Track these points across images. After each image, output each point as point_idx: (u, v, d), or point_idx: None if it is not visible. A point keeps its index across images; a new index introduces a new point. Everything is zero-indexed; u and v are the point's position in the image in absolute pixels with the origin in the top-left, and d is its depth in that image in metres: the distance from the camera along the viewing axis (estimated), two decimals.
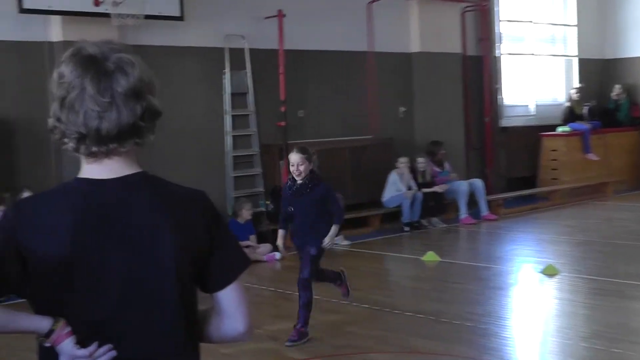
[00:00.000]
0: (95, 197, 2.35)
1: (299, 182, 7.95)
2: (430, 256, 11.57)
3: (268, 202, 13.00)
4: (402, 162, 14.26)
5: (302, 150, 8.02)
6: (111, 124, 2.31)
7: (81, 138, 2.33)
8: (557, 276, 10.23)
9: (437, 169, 14.99)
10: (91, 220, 2.32)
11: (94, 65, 2.32)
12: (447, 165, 15.19)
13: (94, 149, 2.34)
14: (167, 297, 2.39)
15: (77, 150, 2.37)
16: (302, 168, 7.88)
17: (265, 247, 12.02)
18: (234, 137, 13.18)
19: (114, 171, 2.39)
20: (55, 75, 2.37)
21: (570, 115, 18.19)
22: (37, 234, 2.31)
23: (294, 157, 7.93)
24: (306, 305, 7.78)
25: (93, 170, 2.39)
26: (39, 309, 2.37)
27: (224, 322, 2.52)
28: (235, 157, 13.17)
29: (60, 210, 2.33)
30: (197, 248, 2.42)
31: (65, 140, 2.36)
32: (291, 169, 7.95)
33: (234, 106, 13.19)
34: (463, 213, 14.71)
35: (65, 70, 2.34)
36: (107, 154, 2.37)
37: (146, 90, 2.38)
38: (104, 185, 2.37)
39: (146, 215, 2.37)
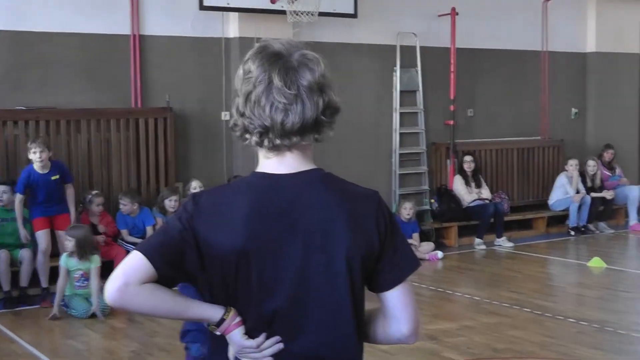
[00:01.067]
0: (272, 191, 2.42)
1: None
2: (596, 262, 11.32)
3: (432, 201, 13.00)
4: (572, 164, 13.99)
5: None
6: (296, 117, 2.38)
7: (265, 132, 2.39)
8: None
9: (608, 173, 14.63)
10: (267, 214, 2.39)
11: (280, 60, 2.40)
12: (618, 170, 14.80)
13: (278, 142, 2.40)
14: (339, 294, 2.42)
15: (260, 144, 2.42)
16: None
17: (428, 245, 12.04)
18: (402, 134, 13.24)
19: (292, 166, 2.45)
20: (240, 71, 2.45)
21: None
22: (215, 225, 2.39)
23: None
24: None
25: (271, 164, 2.46)
26: (212, 299, 2.45)
27: (390, 323, 2.52)
28: (402, 155, 13.22)
29: (237, 203, 2.41)
30: (369, 246, 2.45)
31: (247, 135, 2.43)
32: None
33: (402, 104, 13.24)
34: (633, 219, 14.31)
35: (252, 66, 2.41)
36: (289, 148, 2.43)
37: (327, 86, 2.45)
38: (281, 180, 2.43)
39: (322, 211, 2.41)
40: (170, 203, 10.53)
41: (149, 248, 2.40)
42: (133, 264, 2.38)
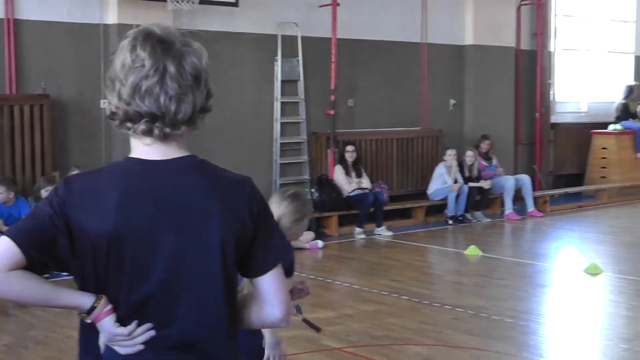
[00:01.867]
0: (145, 176, 2.40)
1: None
2: (473, 250, 11.56)
3: (313, 190, 13.05)
4: (450, 154, 14.24)
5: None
6: (189, 107, 2.38)
7: (154, 121, 2.37)
8: (600, 276, 10.18)
9: (485, 163, 14.95)
10: (140, 199, 2.37)
11: (171, 48, 2.38)
12: (494, 160, 15.14)
13: (168, 130, 2.39)
14: (212, 279, 2.42)
15: (149, 133, 2.39)
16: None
17: (309, 234, 12.06)
18: (283, 124, 13.25)
19: (166, 153, 2.43)
20: (127, 59, 2.38)
21: (624, 113, 18.01)
22: (86, 210, 2.35)
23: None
24: None
25: (146, 151, 2.43)
26: (83, 286, 2.41)
27: (262, 308, 2.54)
28: (283, 145, 13.24)
29: (110, 188, 2.37)
30: (242, 231, 2.45)
31: (130, 124, 2.40)
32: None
33: (284, 93, 13.25)
34: (508, 208, 14.67)
35: (142, 53, 2.36)
36: (175, 137, 2.42)
37: (208, 74, 2.46)
38: (154, 165, 2.42)
39: (195, 197, 2.41)
40: (47, 192, 10.26)
41: (17, 233, 2.35)
42: (0, 250, 2.32)
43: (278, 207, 4.72)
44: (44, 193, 10.25)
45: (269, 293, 2.53)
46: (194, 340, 2.43)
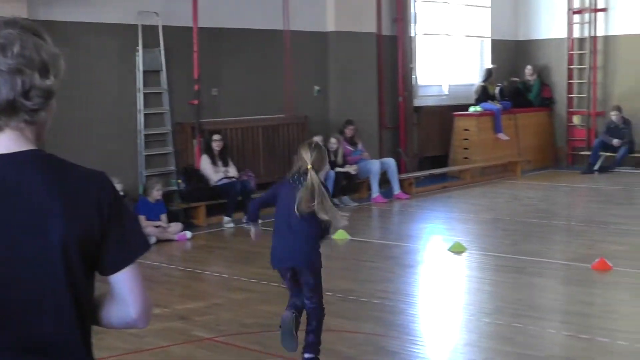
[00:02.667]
0: None
1: None
2: (341, 234, 11.68)
3: (179, 181, 12.96)
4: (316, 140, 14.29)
5: (316, 146, 6.41)
6: (8, 90, 2.28)
7: None
8: (464, 254, 10.45)
9: (350, 148, 15.12)
10: None
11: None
12: (360, 145, 15.32)
13: None
14: (54, 283, 2.33)
15: None
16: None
17: (177, 226, 11.97)
18: (147, 115, 13.08)
19: (6, 146, 2.33)
20: None
21: (483, 95, 18.49)
22: None
23: (306, 154, 6.29)
24: None
25: None
26: None
27: (118, 307, 2.46)
28: (147, 136, 13.06)
29: None
30: (88, 229, 2.36)
31: None
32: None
33: (146, 84, 13.08)
34: (375, 192, 14.87)
35: None
36: (8, 127, 2.33)
37: (31, 68, 2.33)
38: None
39: (36, 193, 2.31)
40: None
41: None
42: None
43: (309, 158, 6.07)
44: None
45: (124, 292, 2.44)
46: (39, 344, 2.34)
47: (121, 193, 9.28)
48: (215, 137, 13.17)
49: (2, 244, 2.29)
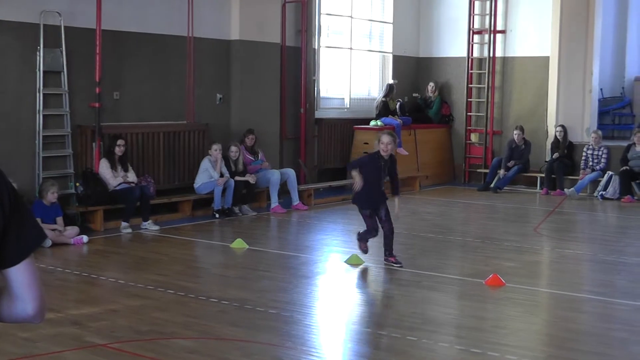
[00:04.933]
0: None
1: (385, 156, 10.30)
2: (239, 243, 11.68)
3: (78, 184, 12.77)
4: (215, 148, 14.30)
5: (391, 134, 10.44)
6: None
7: None
8: (361, 266, 10.55)
9: (251, 157, 15.13)
10: None
11: None
12: (260, 154, 15.35)
13: None
14: None
15: None
16: (390, 147, 10.27)
17: (73, 229, 11.81)
18: (45, 116, 12.86)
19: None
20: None
21: (384, 109, 18.70)
22: None
23: (386, 138, 10.26)
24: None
25: None
26: None
27: (14, 302, 2.45)
28: (45, 137, 12.84)
29: None
30: None
31: None
32: (381, 146, 10.22)
33: (46, 85, 12.86)
34: (274, 202, 14.91)
35: None
36: None
37: None
38: None
39: None
40: None
41: None
42: None
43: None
44: None
45: (20, 287, 2.44)
46: None
47: None
48: (120, 142, 13.03)
49: None
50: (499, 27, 19.59)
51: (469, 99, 20.02)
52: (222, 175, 14.21)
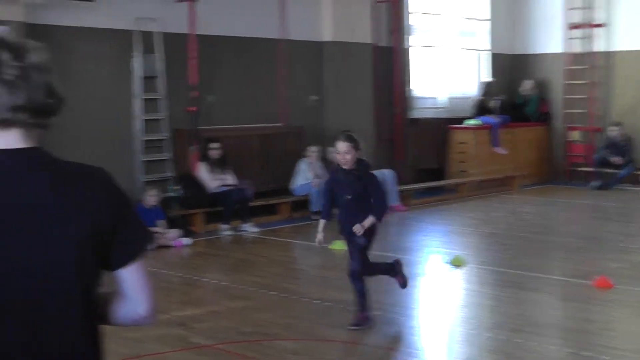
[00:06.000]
0: None
1: (346, 169, 7.62)
2: (338, 245, 11.55)
3: (177, 188, 12.88)
4: (313, 150, 14.27)
5: (349, 138, 7.65)
6: (24, 92, 2.26)
7: None
8: (464, 267, 10.38)
9: None
10: None
11: (4, 42, 2.28)
12: None
13: (7, 115, 2.27)
14: (61, 281, 2.28)
15: None
16: (348, 157, 7.57)
17: (174, 232, 11.91)
18: (145, 121, 13.02)
19: (7, 142, 2.30)
20: None
21: (481, 108, 18.46)
22: None
23: (340, 145, 7.58)
24: (362, 294, 7.66)
25: None
26: None
27: (126, 304, 2.45)
28: (145, 142, 13.01)
29: None
30: (97, 226, 2.32)
31: None
32: (337, 157, 7.64)
33: (144, 90, 13.01)
34: None
35: None
36: (13, 125, 2.29)
37: (50, 75, 2.35)
38: None
39: (42, 196, 2.27)
40: None
41: None
42: None
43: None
44: None
45: (131, 288, 2.44)
46: (47, 347, 2.30)
47: None
48: (214, 145, 13.09)
49: (16, 249, 2.24)
50: (599, 21, 19.12)
51: (566, 96, 19.60)
52: (318, 177, 14.17)
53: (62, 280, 2.28)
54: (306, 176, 14.20)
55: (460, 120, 18.38)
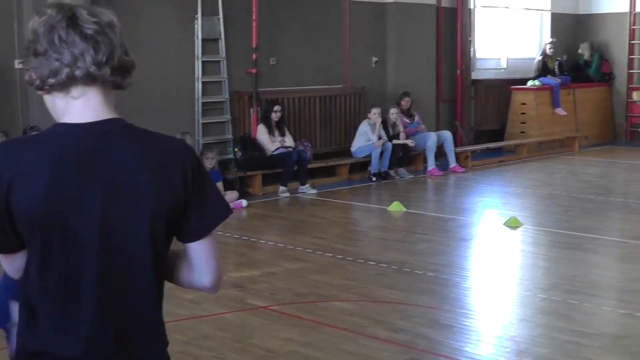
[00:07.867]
0: (72, 143, 2.33)
1: None
2: (396, 206, 11.67)
3: (237, 150, 13.00)
4: (374, 112, 14.27)
5: None
6: (106, 47, 2.35)
7: (75, 63, 2.33)
8: (520, 228, 10.38)
9: (407, 120, 15.06)
10: (68, 168, 2.30)
11: (68, 9, 2.36)
12: (416, 117, 15.26)
13: (93, 69, 2.34)
14: (142, 253, 2.39)
15: (72, 77, 2.34)
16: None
17: (233, 194, 12.02)
18: (204, 83, 13.15)
19: (95, 111, 2.38)
20: (36, 17, 2.37)
21: (543, 69, 18.27)
22: (18, 182, 2.29)
23: None
24: None
25: (74, 110, 2.37)
26: (28, 266, 2.39)
27: (193, 272, 2.51)
28: (204, 104, 13.14)
29: (37, 158, 2.31)
30: (175, 198, 2.40)
31: (52, 80, 2.34)
32: None
33: (205, 52, 13.12)
34: (431, 164, 14.80)
35: (49, 11, 2.35)
36: (97, 83, 2.37)
37: (118, 34, 2.41)
38: (81, 130, 2.35)
39: (124, 164, 2.35)
40: None
41: None
42: None
43: None
44: None
45: (200, 261, 2.49)
46: (124, 308, 2.40)
47: None
48: (276, 107, 13.14)
49: (95, 213, 2.33)
50: None
51: (630, 56, 19.30)
52: (380, 138, 14.19)
53: (142, 250, 2.38)
54: (367, 137, 14.23)
55: (521, 81, 18.22)
